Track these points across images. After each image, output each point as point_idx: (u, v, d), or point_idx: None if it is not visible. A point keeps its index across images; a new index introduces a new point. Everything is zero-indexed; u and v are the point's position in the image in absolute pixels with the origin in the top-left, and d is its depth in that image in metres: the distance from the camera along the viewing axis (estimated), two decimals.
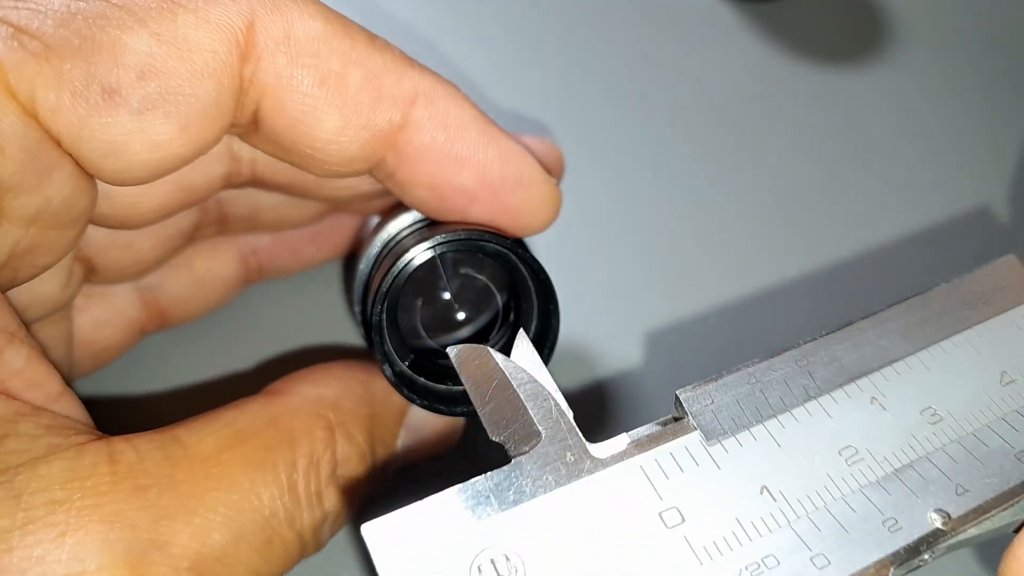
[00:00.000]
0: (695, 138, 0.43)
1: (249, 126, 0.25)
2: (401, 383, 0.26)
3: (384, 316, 0.26)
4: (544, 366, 0.22)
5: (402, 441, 0.28)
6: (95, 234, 0.28)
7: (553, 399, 0.21)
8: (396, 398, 0.27)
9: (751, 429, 0.21)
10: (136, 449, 0.22)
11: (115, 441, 0.22)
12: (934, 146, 0.43)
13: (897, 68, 0.47)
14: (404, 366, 0.27)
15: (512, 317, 0.29)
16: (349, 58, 0.25)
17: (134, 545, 0.21)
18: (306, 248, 0.35)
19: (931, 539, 0.20)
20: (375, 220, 0.32)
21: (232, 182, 0.29)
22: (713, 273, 0.38)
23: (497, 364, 0.22)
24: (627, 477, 0.20)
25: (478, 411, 0.22)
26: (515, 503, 0.19)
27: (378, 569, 0.18)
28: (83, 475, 0.21)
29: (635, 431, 0.21)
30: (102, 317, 0.31)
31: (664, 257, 0.39)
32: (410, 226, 0.29)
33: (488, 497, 0.19)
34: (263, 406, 0.25)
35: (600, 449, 0.20)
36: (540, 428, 0.20)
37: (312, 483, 0.24)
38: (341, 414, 0.26)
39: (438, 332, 0.29)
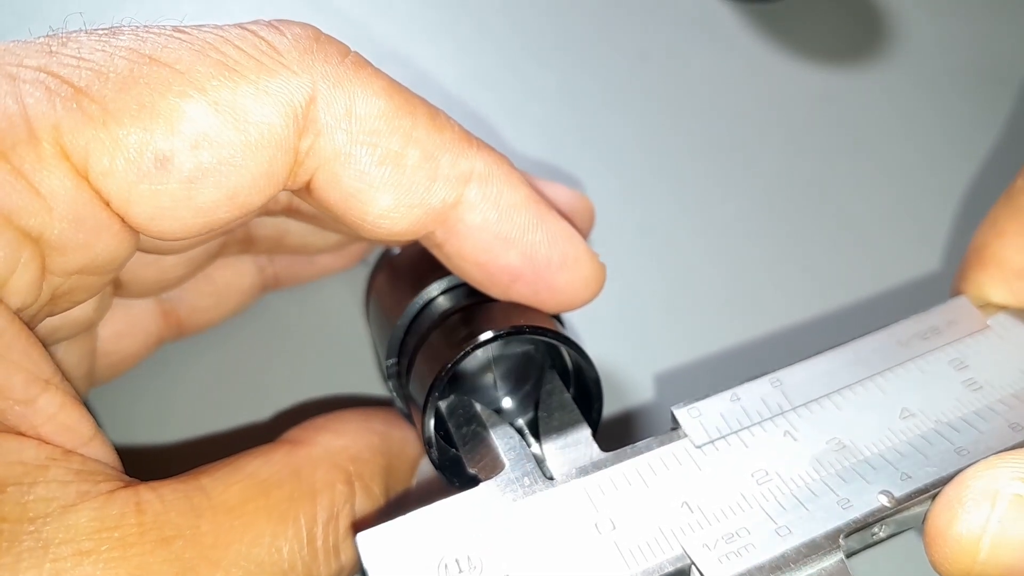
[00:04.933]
0: (694, 138, 0.44)
1: (301, 190, 0.25)
2: (444, 466, 0.27)
3: (434, 409, 0.26)
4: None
5: (413, 484, 0.29)
6: None
7: (520, 442, 0.26)
8: (410, 449, 0.29)
9: (727, 438, 0.26)
10: (162, 499, 0.23)
11: (142, 490, 0.23)
12: (934, 146, 0.44)
13: (897, 68, 0.47)
14: (439, 436, 0.28)
15: (555, 376, 0.29)
16: (409, 137, 0.25)
17: None
18: (323, 259, 0.36)
19: (878, 514, 0.24)
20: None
21: (268, 210, 0.29)
22: (712, 273, 0.39)
23: (477, 412, 0.27)
24: (571, 495, 0.24)
25: (459, 449, 0.27)
26: (479, 517, 0.24)
27: (366, 566, 0.23)
28: (110, 525, 0.21)
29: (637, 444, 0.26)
30: (122, 328, 0.32)
31: (662, 256, 0.40)
32: (451, 289, 0.30)
33: (459, 512, 0.24)
34: (285, 456, 0.26)
35: (555, 479, 0.25)
36: (505, 461, 0.25)
37: (331, 537, 0.25)
38: (360, 465, 0.26)
39: (475, 392, 0.30)
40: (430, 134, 0.25)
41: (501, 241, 0.26)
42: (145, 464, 0.25)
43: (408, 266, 0.31)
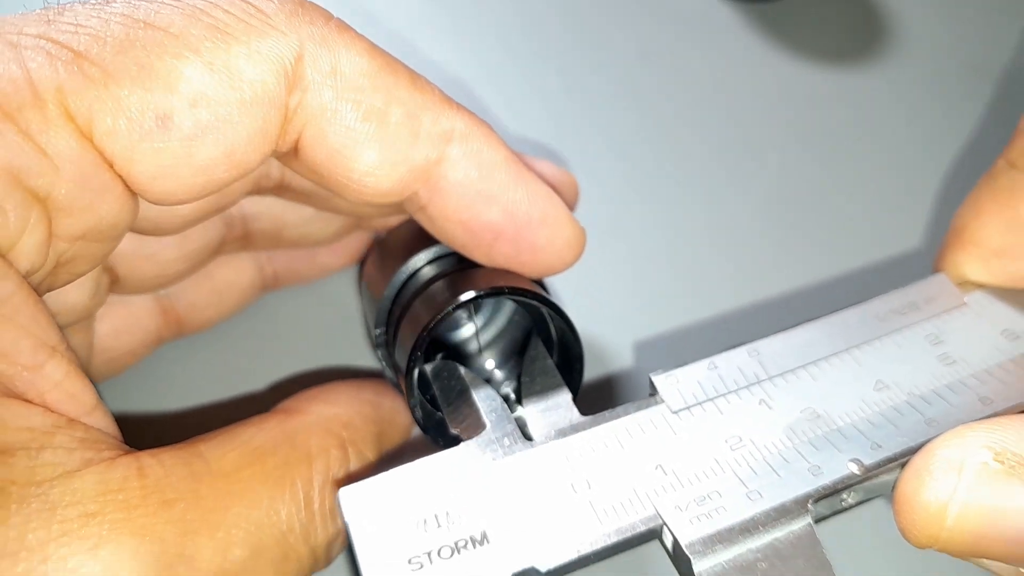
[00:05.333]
0: (694, 138, 0.44)
1: (289, 152, 0.26)
2: (429, 425, 0.29)
3: (419, 364, 0.27)
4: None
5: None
6: (123, 245, 0.28)
7: (502, 404, 0.27)
8: (402, 417, 0.30)
9: (703, 404, 0.26)
10: (163, 464, 0.23)
11: (143, 456, 0.23)
12: (934, 146, 0.44)
13: (897, 68, 0.47)
14: (426, 400, 0.29)
15: (539, 342, 0.30)
16: (391, 95, 0.25)
17: (162, 558, 0.22)
18: (322, 257, 0.36)
19: (847, 481, 0.24)
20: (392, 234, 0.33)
21: (261, 186, 0.30)
22: (710, 273, 0.40)
23: (461, 375, 0.28)
24: (549, 456, 0.25)
25: (443, 410, 0.28)
26: (458, 475, 0.25)
27: (347, 521, 0.24)
28: (114, 488, 0.22)
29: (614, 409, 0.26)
30: (121, 325, 0.32)
31: (660, 257, 0.40)
32: (436, 260, 0.30)
33: (439, 469, 0.25)
34: (280, 424, 0.26)
35: (534, 440, 0.26)
36: (486, 422, 0.26)
37: (327, 500, 0.25)
38: (353, 432, 0.27)
39: (462, 358, 0.31)
40: (412, 93, 0.26)
41: (483, 198, 0.27)
42: (143, 438, 0.25)
43: (395, 243, 0.32)
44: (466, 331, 0.31)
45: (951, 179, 0.43)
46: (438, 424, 0.28)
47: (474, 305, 0.29)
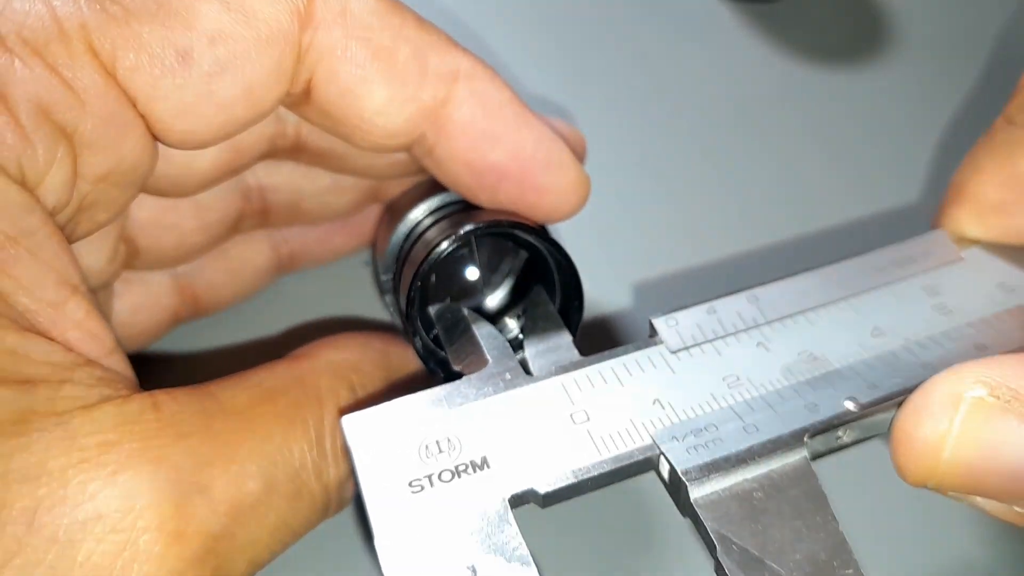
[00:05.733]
0: (694, 138, 0.44)
1: (301, 95, 0.27)
2: (428, 356, 0.29)
3: (419, 295, 0.28)
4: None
5: None
6: (140, 214, 0.30)
7: (503, 341, 0.27)
8: (411, 364, 0.30)
9: (702, 346, 0.27)
10: (176, 400, 0.24)
11: (157, 393, 0.24)
12: (934, 146, 0.45)
13: (897, 68, 0.48)
14: (430, 340, 0.30)
15: (541, 289, 0.31)
16: (399, 34, 0.26)
17: (177, 486, 0.22)
18: (336, 237, 0.37)
19: (843, 418, 0.25)
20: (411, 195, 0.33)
21: (277, 145, 0.30)
22: (710, 218, 0.40)
23: (464, 315, 0.28)
24: (549, 389, 0.26)
25: (446, 348, 0.28)
26: (460, 404, 0.25)
27: (350, 447, 0.24)
28: (131, 420, 0.23)
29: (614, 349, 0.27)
30: (139, 302, 0.32)
31: (660, 200, 0.41)
32: (445, 207, 0.31)
33: (442, 400, 0.25)
34: (290, 367, 0.27)
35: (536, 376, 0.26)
36: (489, 358, 0.27)
37: (338, 439, 0.26)
38: (362, 376, 0.28)
39: (466, 302, 0.32)
40: (419, 33, 0.27)
41: (488, 138, 0.28)
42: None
43: (403, 201, 0.33)
44: (470, 274, 0.31)
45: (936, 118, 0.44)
46: (442, 362, 0.29)
47: (477, 246, 0.29)
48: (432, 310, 0.29)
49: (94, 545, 0.21)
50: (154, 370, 0.34)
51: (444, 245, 0.28)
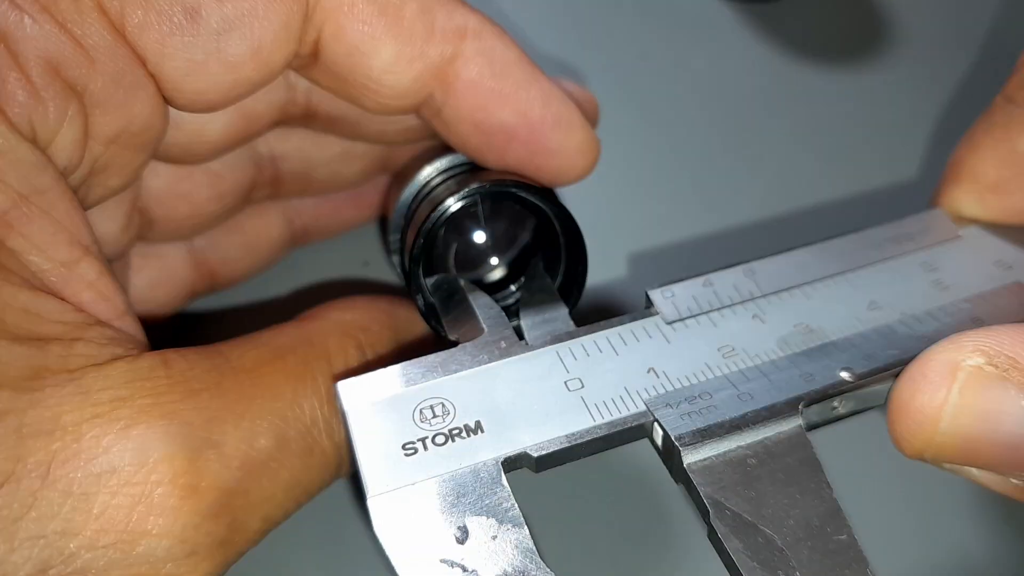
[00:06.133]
0: (694, 138, 0.44)
1: (310, 57, 0.27)
2: (430, 314, 0.29)
3: (422, 251, 0.28)
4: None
5: None
6: (154, 183, 0.30)
7: (499, 310, 0.27)
8: (418, 326, 0.30)
9: (697, 317, 0.27)
10: (186, 359, 0.24)
11: (167, 352, 0.24)
12: (933, 146, 0.45)
13: (897, 68, 0.47)
14: (433, 300, 0.29)
15: (539, 263, 0.31)
16: None
17: (189, 441, 0.22)
18: (346, 209, 0.37)
19: (838, 387, 0.25)
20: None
21: (288, 112, 0.30)
22: (707, 247, 0.40)
23: (460, 285, 0.28)
24: (545, 357, 0.26)
25: (442, 319, 0.28)
26: (455, 371, 0.25)
27: (345, 410, 0.24)
28: (143, 377, 0.23)
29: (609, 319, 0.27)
30: (156, 276, 0.33)
31: (659, 234, 0.40)
32: (453, 168, 0.31)
33: (436, 367, 0.25)
34: (298, 328, 0.27)
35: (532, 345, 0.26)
36: (484, 327, 0.27)
37: None
38: (370, 336, 0.28)
39: (469, 271, 0.32)
40: None
41: (496, 97, 0.27)
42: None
43: (410, 166, 0.33)
44: (478, 238, 0.31)
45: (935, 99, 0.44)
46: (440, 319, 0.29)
47: (486, 212, 0.29)
48: (429, 283, 0.29)
49: (109, 498, 0.21)
50: (163, 336, 0.34)
51: (448, 202, 0.27)
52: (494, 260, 0.32)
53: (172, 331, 0.35)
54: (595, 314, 0.28)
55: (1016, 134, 0.29)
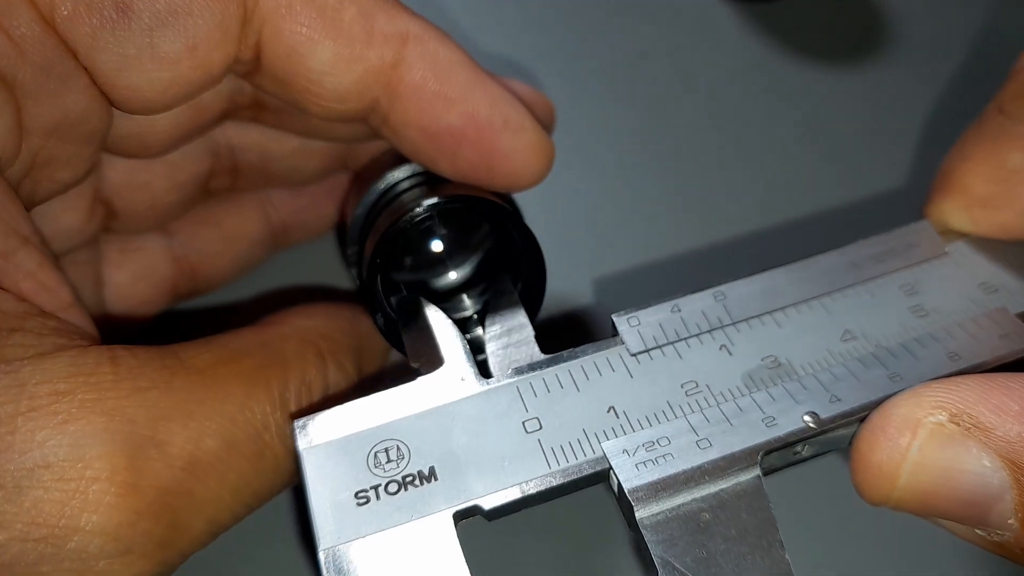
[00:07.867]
0: (694, 138, 0.44)
1: (253, 62, 0.26)
2: (390, 332, 0.29)
3: (375, 276, 0.28)
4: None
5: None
6: (112, 175, 0.30)
7: (462, 339, 0.27)
8: (380, 337, 0.29)
9: (663, 348, 0.26)
10: (136, 356, 0.23)
11: (116, 347, 0.23)
12: (933, 146, 0.44)
13: (897, 68, 0.46)
14: (394, 316, 0.29)
15: (507, 277, 0.30)
16: None
17: (131, 439, 0.22)
18: (325, 204, 0.36)
19: (800, 435, 0.24)
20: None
21: (236, 102, 0.30)
22: (676, 209, 0.40)
23: (424, 311, 0.28)
24: (504, 395, 0.25)
25: (404, 344, 0.28)
26: (412, 410, 0.25)
27: (300, 451, 0.24)
28: (86, 371, 0.22)
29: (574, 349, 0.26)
30: (137, 272, 0.33)
31: (623, 192, 0.40)
32: (408, 178, 0.30)
33: (393, 405, 0.25)
34: (257, 332, 0.27)
35: (492, 377, 0.26)
36: (444, 357, 0.26)
37: (304, 403, 0.26)
38: (331, 343, 0.28)
39: (429, 278, 0.32)
40: None
41: (441, 100, 0.27)
42: None
43: (369, 171, 0.33)
44: (435, 247, 0.31)
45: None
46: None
47: (443, 219, 0.29)
48: (393, 301, 0.29)
49: (42, 493, 0.21)
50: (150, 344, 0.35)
51: (401, 222, 0.27)
52: (454, 267, 0.32)
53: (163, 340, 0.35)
54: (564, 325, 0.27)
55: (1007, 148, 0.27)
